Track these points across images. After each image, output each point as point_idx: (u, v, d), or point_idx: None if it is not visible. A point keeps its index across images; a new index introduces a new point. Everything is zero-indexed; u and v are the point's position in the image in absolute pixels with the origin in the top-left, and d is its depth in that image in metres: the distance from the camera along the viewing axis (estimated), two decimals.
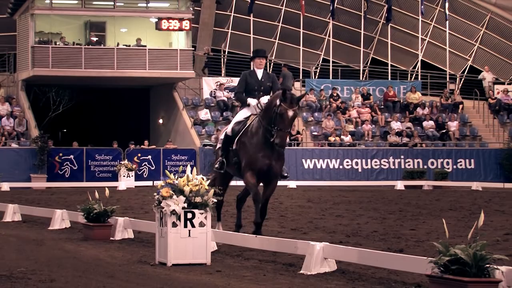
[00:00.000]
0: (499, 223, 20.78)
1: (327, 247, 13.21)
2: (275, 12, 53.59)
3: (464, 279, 10.17)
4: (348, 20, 54.17)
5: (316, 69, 54.70)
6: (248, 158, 16.53)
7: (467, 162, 46.22)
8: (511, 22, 55.78)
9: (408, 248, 15.33)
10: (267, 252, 14.82)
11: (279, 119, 16.15)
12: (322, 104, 50.26)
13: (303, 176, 43.57)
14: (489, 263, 10.31)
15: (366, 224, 20.76)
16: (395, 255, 12.70)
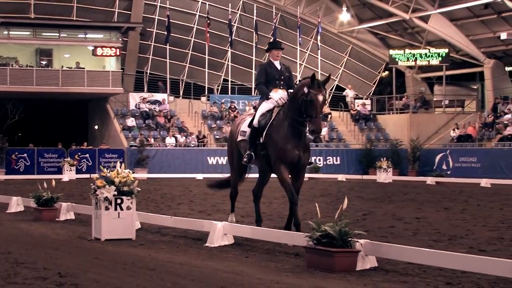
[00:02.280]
0: (358, 206, 21.00)
1: (226, 225, 13.31)
2: (186, 42, 53.47)
3: (332, 249, 10.30)
4: (243, 49, 54.27)
5: (218, 87, 54.78)
6: (278, 151, 13.54)
7: (334, 159, 46.78)
8: (368, 51, 56.59)
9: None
10: (179, 230, 14.79)
11: (310, 106, 13.23)
12: (223, 114, 50.36)
13: (208, 170, 43.49)
14: (351, 237, 10.44)
15: None
16: (279, 231, 12.76)
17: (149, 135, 46.93)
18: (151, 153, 44.28)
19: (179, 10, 52.80)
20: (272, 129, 13.70)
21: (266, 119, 13.86)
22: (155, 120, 48.64)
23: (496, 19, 48.03)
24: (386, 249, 10.59)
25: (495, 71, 50.72)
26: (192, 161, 44.72)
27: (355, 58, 56.63)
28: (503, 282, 9.28)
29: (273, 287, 9.15)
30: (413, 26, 52.78)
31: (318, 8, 54.32)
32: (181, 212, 18.90)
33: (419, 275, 9.98)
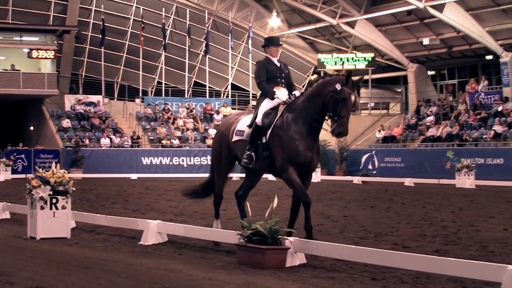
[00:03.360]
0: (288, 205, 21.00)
1: (160, 224, 13.24)
2: (121, 45, 53.10)
3: (262, 247, 10.32)
4: (176, 52, 54.05)
5: (152, 89, 54.49)
6: (290, 152, 11.91)
7: None
8: (297, 55, 56.82)
9: (222, 224, 15.39)
10: (114, 228, 14.68)
11: (342, 105, 11.81)
12: (157, 116, 50.13)
13: (142, 170, 43.30)
14: (281, 235, 10.49)
15: (190, 206, 20.75)
16: (212, 230, 12.78)
17: (84, 136, 46.52)
18: (86, 153, 43.89)
19: (114, 14, 52.41)
20: (281, 128, 12.12)
21: (271, 118, 12.32)
22: (90, 121, 48.27)
23: (419, 25, 48.65)
24: (314, 246, 10.67)
25: (418, 75, 51.41)
26: (127, 162, 44.43)
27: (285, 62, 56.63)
28: (425, 277, 9.41)
29: (205, 283, 9.14)
30: (340, 31, 53.18)
31: (249, 13, 54.40)
32: (115, 211, 18.76)
33: (346, 271, 10.06)
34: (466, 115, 44.46)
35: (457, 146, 41.50)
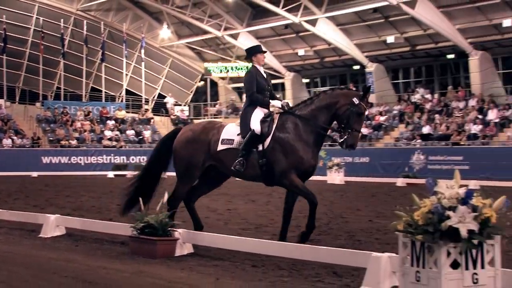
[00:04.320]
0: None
1: (58, 218, 13.01)
2: (22, 53, 51.92)
3: (153, 238, 10.29)
4: (74, 60, 53.13)
5: (52, 94, 53.48)
6: (296, 159, 11.12)
7: None
8: (186, 63, 56.74)
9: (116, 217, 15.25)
10: (15, 222, 14.31)
11: (357, 119, 11.13)
12: (56, 118, 49.18)
13: (43, 168, 42.35)
14: (170, 227, 10.47)
15: (87, 201, 20.46)
16: (107, 223, 12.64)
17: None
18: None
19: (16, 24, 51.16)
20: (285, 136, 11.23)
21: (267, 126, 11.33)
22: None
23: (295, 38, 49.28)
24: (201, 237, 10.69)
25: (295, 82, 52.09)
26: (28, 161, 43.39)
27: (175, 70, 56.63)
28: (301, 264, 9.53)
29: (101, 272, 9.04)
30: (225, 43, 53.35)
31: (142, 25, 53.96)
32: (17, 206, 18.30)
33: (230, 259, 10.10)
34: None
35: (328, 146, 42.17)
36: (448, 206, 5.95)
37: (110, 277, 8.77)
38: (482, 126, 37.11)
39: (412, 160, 35.87)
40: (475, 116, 37.96)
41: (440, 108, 40.94)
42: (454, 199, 5.99)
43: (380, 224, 14.24)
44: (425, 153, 35.73)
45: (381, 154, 38.90)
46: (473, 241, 5.89)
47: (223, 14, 50.06)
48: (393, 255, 7.85)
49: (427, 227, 5.93)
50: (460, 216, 5.90)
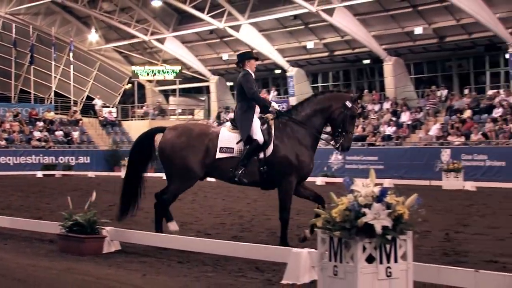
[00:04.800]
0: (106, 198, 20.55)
1: None
2: None
3: (81, 236, 10.17)
4: (3, 62, 52.10)
5: None
6: (298, 165, 10.88)
7: (85, 158, 45.89)
8: (114, 66, 56.17)
9: (45, 216, 15.01)
10: None
11: (350, 122, 11.04)
12: None
13: None
14: (98, 225, 10.36)
15: (16, 200, 20.08)
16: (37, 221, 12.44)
17: None
18: None
19: None
20: (286, 143, 10.97)
21: (266, 133, 10.99)
22: None
23: (219, 42, 49.30)
24: (128, 234, 10.61)
25: (219, 85, 52.10)
26: None
27: (103, 72, 55.99)
28: (224, 260, 9.54)
29: (30, 269, 8.88)
30: (151, 47, 53.01)
31: (70, 29, 53.23)
32: None
33: (156, 256, 10.05)
34: None
35: None
36: (364, 203, 6.02)
37: (39, 274, 8.62)
38: (395, 127, 37.75)
39: (330, 160, 36.25)
40: (389, 118, 38.60)
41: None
42: (370, 197, 6.06)
43: (300, 221, 14.34)
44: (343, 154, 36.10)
45: None
46: (387, 237, 5.98)
47: (150, 19, 49.77)
48: (312, 251, 7.92)
49: (344, 223, 5.99)
50: (375, 213, 5.98)
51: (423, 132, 36.44)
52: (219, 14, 44.76)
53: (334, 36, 43.08)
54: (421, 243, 10.71)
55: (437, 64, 42.06)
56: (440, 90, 39.07)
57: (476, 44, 38.70)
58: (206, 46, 50.68)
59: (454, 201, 20.28)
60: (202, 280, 8.29)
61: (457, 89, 39.88)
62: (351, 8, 39.67)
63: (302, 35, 44.54)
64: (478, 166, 31.04)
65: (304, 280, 7.93)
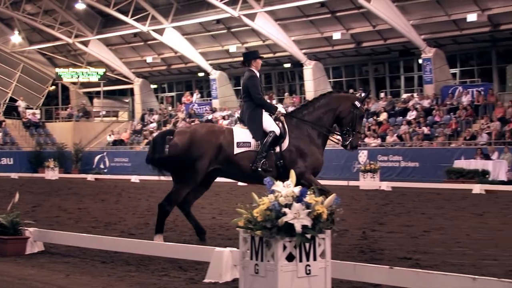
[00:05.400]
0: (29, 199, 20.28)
1: None
2: None
3: (4, 237, 9.96)
4: None
5: None
6: (314, 161, 10.97)
7: (8, 160, 44.97)
8: (38, 68, 55.10)
9: None
10: None
11: (359, 122, 11.34)
12: None
13: None
14: (21, 226, 10.15)
15: None
16: None
17: None
18: None
19: None
20: (301, 140, 11.01)
21: (282, 128, 11.02)
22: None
23: (143, 45, 48.96)
24: (51, 235, 10.42)
25: (143, 88, 51.70)
26: None
27: (27, 74, 54.83)
28: (148, 259, 9.45)
29: None
30: (76, 49, 52.25)
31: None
32: None
33: (79, 256, 9.91)
34: (183, 122, 45.29)
35: None
36: (285, 203, 6.06)
37: None
38: None
39: None
40: None
41: None
42: (290, 197, 6.10)
43: (222, 221, 14.35)
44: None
45: None
46: (307, 236, 6.03)
47: (74, 22, 49.01)
48: (234, 250, 7.92)
49: (265, 223, 6.02)
50: (295, 212, 6.02)
51: None
52: (143, 17, 44.42)
53: (256, 40, 43.26)
54: (339, 241, 10.84)
55: (355, 68, 42.70)
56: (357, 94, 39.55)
57: (391, 49, 39.44)
58: (130, 49, 50.25)
59: (371, 201, 20.60)
60: (126, 280, 8.20)
61: (373, 93, 40.56)
62: (272, 13, 39.90)
63: (224, 39, 44.58)
64: (393, 167, 31.66)
65: (226, 279, 7.93)
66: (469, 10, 33.71)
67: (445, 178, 28.20)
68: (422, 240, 11.19)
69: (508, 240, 11.70)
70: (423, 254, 9.97)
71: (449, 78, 37.18)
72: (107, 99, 55.09)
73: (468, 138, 31.71)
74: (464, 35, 35.66)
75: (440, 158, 29.90)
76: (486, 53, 37.00)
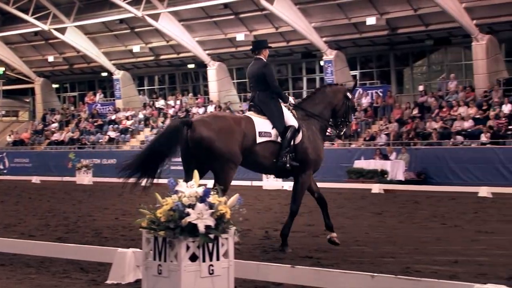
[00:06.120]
0: None
1: None
2: None
3: None
4: None
5: None
6: (317, 157, 10.90)
7: None
8: None
9: None
10: None
11: (352, 112, 11.66)
12: None
13: None
14: None
15: None
16: None
17: None
18: None
19: None
20: (310, 133, 10.93)
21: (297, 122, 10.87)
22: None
23: (44, 44, 47.88)
24: None
25: (44, 87, 50.58)
26: None
27: None
28: (49, 261, 9.27)
29: None
30: None
31: None
32: None
33: None
34: (85, 122, 44.60)
35: (78, 148, 41.51)
36: (188, 204, 6.06)
37: None
38: None
39: None
40: None
41: (182, 113, 41.66)
42: (193, 197, 6.11)
43: (125, 222, 14.22)
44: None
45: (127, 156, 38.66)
46: (210, 236, 6.05)
47: None
48: (137, 250, 7.86)
49: (169, 223, 6.00)
50: (199, 213, 6.03)
51: None
52: (44, 16, 43.46)
53: (159, 41, 42.99)
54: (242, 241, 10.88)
55: None
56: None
57: (293, 51, 39.88)
58: (31, 47, 49.02)
59: (274, 201, 20.79)
60: (26, 282, 8.02)
61: None
62: (176, 14, 39.74)
63: (128, 39, 44.10)
64: None
65: (129, 280, 7.86)
66: (368, 14, 34.42)
67: (346, 178, 28.73)
68: (323, 240, 11.37)
69: (405, 238, 12.02)
70: (324, 253, 10.14)
71: (350, 80, 37.88)
72: (6, 99, 53.63)
73: (367, 139, 32.39)
74: (364, 38, 36.41)
75: (340, 159, 30.40)
76: (384, 56, 37.92)
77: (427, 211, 17.25)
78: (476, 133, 29.20)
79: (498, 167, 26.75)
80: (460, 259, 9.57)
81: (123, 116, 43.53)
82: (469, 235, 12.46)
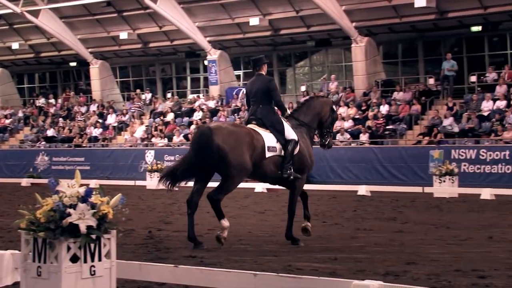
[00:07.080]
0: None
1: None
2: None
3: None
4: None
5: None
6: (310, 165, 11.72)
7: None
8: None
9: None
10: None
11: (334, 123, 12.74)
12: None
13: None
14: None
15: None
16: None
17: None
18: None
19: None
20: (304, 143, 11.57)
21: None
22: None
23: None
24: None
25: None
26: None
27: None
28: None
29: None
30: None
31: None
32: None
33: None
34: None
35: None
36: (69, 204, 5.97)
37: None
38: (102, 129, 37.66)
39: (36, 161, 35.32)
40: (95, 120, 38.41)
41: (64, 112, 40.89)
42: (75, 197, 6.02)
43: (4, 223, 13.81)
44: (49, 155, 35.37)
45: (6, 156, 37.74)
46: (92, 236, 5.98)
47: None
48: (15, 252, 7.66)
49: (49, 224, 5.90)
50: (80, 213, 5.95)
51: (128, 134, 36.75)
52: None
53: (40, 38, 41.99)
54: (125, 241, 10.80)
55: (142, 68, 42.66)
56: (144, 94, 39.72)
57: (177, 50, 39.82)
58: None
59: (158, 200, 20.69)
60: None
61: (160, 93, 40.75)
62: (57, 11, 38.92)
63: (6, 35, 42.83)
64: None
65: (6, 282, 7.65)
66: (251, 14, 34.78)
67: None
68: (206, 239, 11.42)
69: None
70: (207, 252, 10.18)
71: (234, 80, 38.18)
72: None
73: None
74: (247, 38, 36.77)
75: None
76: (268, 56, 38.33)
77: None
78: (355, 133, 30.01)
79: (376, 166, 27.60)
80: (340, 256, 9.83)
81: (1, 115, 42.26)
82: (349, 233, 12.82)
